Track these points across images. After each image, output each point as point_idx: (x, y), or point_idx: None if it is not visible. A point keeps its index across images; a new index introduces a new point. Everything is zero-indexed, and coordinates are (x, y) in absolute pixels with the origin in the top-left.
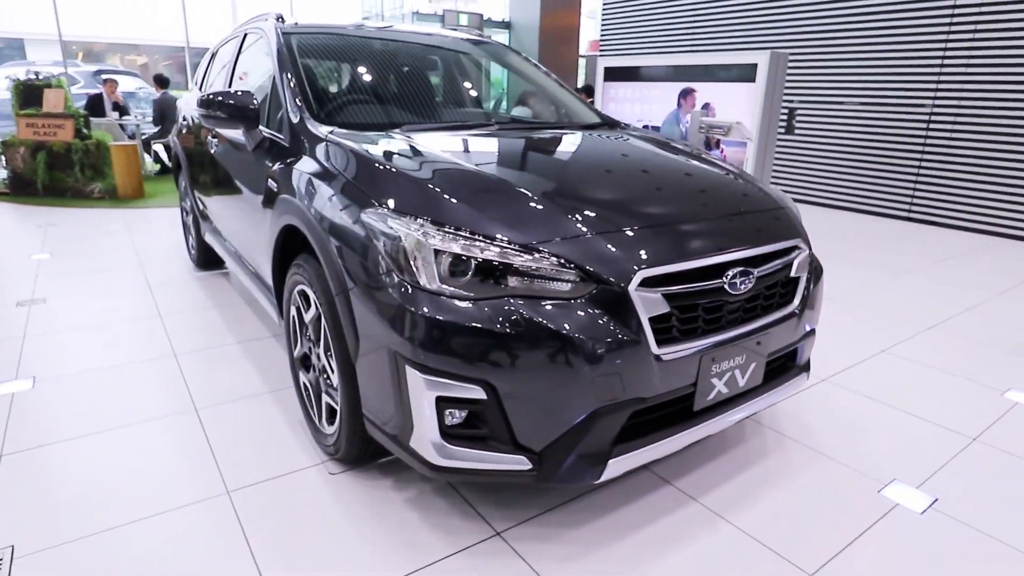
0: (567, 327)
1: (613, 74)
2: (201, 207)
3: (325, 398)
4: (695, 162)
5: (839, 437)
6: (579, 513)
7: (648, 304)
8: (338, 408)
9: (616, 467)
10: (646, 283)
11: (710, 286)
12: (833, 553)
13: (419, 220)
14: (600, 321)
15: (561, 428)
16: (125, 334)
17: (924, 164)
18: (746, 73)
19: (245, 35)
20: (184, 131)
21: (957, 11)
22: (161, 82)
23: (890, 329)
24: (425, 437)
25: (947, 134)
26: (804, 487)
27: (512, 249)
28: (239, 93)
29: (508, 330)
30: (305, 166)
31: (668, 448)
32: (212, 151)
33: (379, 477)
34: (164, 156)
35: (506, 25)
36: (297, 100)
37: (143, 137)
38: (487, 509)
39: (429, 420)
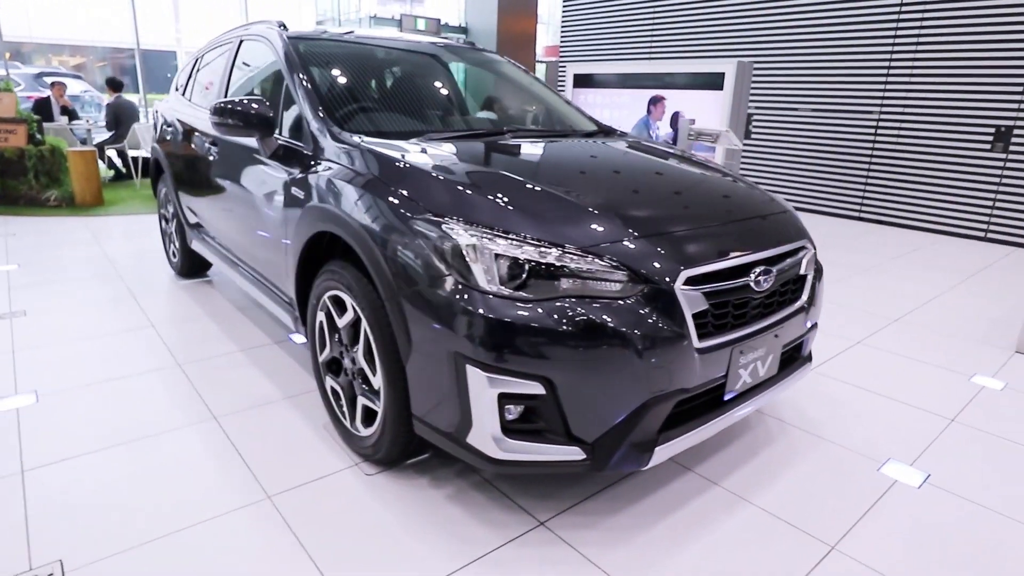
0: (621, 324)
1: (582, 81)
2: (189, 215)
3: (362, 401)
4: (707, 171)
5: (834, 422)
6: (613, 501)
7: (691, 301)
8: (379, 410)
9: (661, 454)
10: (688, 282)
11: (738, 284)
12: (848, 526)
13: (475, 226)
14: (650, 318)
15: (615, 419)
16: (120, 345)
17: (873, 167)
18: (713, 80)
19: (241, 42)
20: (168, 137)
21: (901, 25)
22: (114, 85)
23: (861, 322)
24: (485, 432)
25: (893, 139)
26: (811, 468)
27: (567, 252)
28: (255, 101)
29: (567, 328)
30: (340, 174)
31: (704, 435)
32: (211, 158)
33: (415, 476)
34: (118, 162)
35: (463, 30)
36: (319, 109)
37: (95, 143)
38: (526, 501)
39: (490, 416)
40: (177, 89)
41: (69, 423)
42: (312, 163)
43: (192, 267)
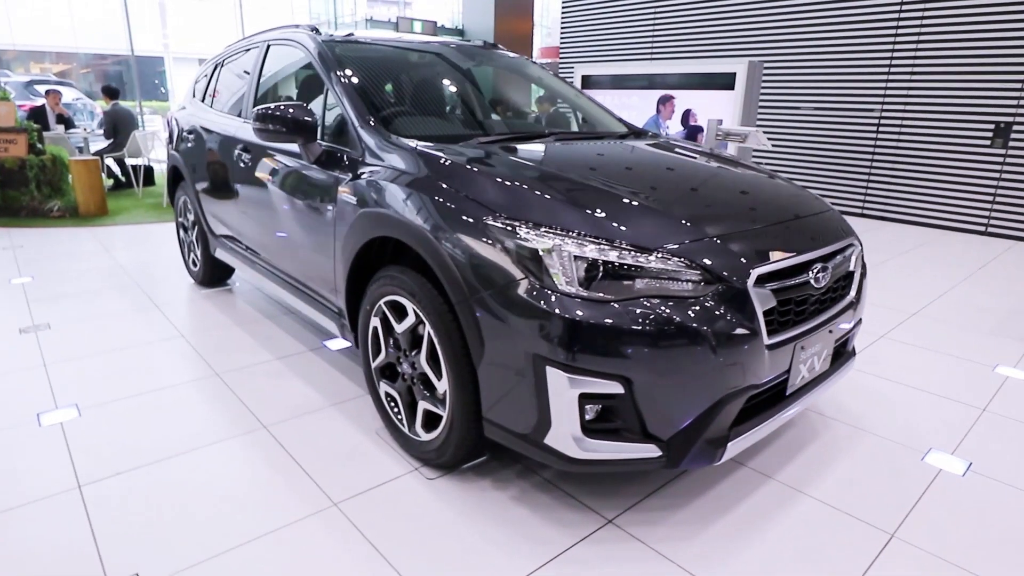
0: (698, 323)
1: (589, 82)
2: (214, 223)
3: (423, 405)
4: (753, 172)
5: (873, 414)
6: (675, 497)
7: (762, 299)
8: (444, 414)
9: (733, 448)
10: (758, 280)
11: (800, 281)
12: (903, 514)
13: (550, 229)
14: (725, 316)
15: (690, 416)
16: (154, 356)
17: (875, 164)
18: (723, 80)
19: (269, 47)
20: (189, 144)
21: (902, 23)
22: (111, 93)
23: (881, 317)
24: (565, 433)
25: (895, 136)
26: (858, 460)
27: (642, 253)
28: (299, 107)
29: (646, 328)
30: (398, 179)
31: (769, 428)
32: (244, 165)
33: (476, 479)
34: (117, 170)
35: (459, 32)
36: (366, 114)
37: (92, 152)
38: (591, 500)
39: (570, 416)
40: (195, 96)
41: (116, 436)
42: (361, 168)
43: (214, 276)
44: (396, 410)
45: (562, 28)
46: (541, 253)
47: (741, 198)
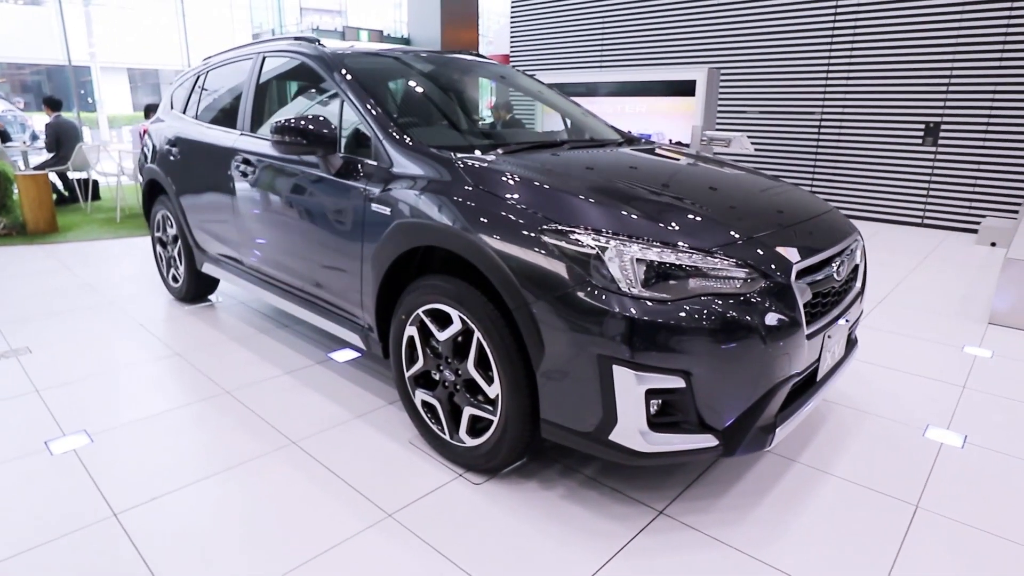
0: (751, 317)
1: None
2: (203, 237)
3: (469, 411)
4: (763, 176)
5: (868, 396)
6: (713, 485)
7: (801, 292)
8: (495, 418)
9: (780, 434)
10: (798, 275)
11: (826, 274)
12: (920, 486)
13: (606, 233)
14: (773, 309)
15: (745, 404)
16: (154, 376)
17: (819, 163)
18: (683, 87)
19: (264, 58)
20: (172, 158)
21: (836, 32)
22: (52, 104)
23: None
24: (631, 428)
25: (835, 138)
26: (868, 438)
27: (697, 254)
28: (319, 119)
29: (705, 324)
30: (437, 189)
31: (806, 412)
32: (246, 178)
33: (522, 481)
34: (60, 185)
35: (405, 41)
36: (390, 127)
37: (33, 166)
38: (637, 494)
39: (637, 412)
40: (173, 107)
41: (139, 460)
42: (391, 179)
43: (198, 292)
44: (436, 418)
45: (511, 36)
46: (604, 257)
47: (765, 200)
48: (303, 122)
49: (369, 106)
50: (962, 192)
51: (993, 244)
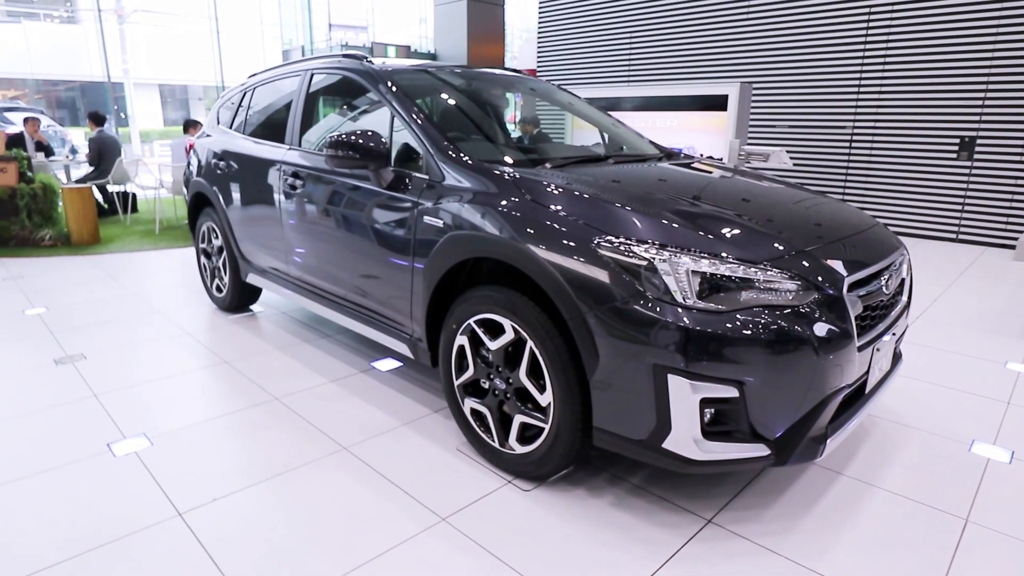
0: (804, 328)
1: None
2: (246, 249)
3: (520, 419)
4: (807, 191)
5: (912, 411)
6: (760, 496)
7: (853, 304)
8: (547, 426)
9: (831, 444)
10: (850, 288)
11: (875, 288)
12: (969, 501)
13: (661, 246)
14: (826, 321)
15: (798, 415)
16: (206, 383)
17: (849, 178)
18: (715, 101)
19: (312, 75)
20: (220, 172)
21: (868, 44)
22: (97, 119)
23: None
24: (685, 436)
25: (867, 152)
26: (913, 452)
27: (750, 266)
28: (371, 134)
29: (759, 334)
30: (491, 202)
31: (856, 423)
32: (292, 191)
33: (570, 488)
34: (100, 198)
35: (432, 57)
36: (443, 141)
37: (75, 179)
38: (685, 503)
39: (691, 420)
40: (219, 123)
41: (198, 463)
42: (443, 192)
43: (241, 302)
44: (486, 425)
45: (539, 51)
46: (659, 269)
47: (813, 215)
48: (356, 137)
49: (421, 121)
50: (999, 207)
51: None
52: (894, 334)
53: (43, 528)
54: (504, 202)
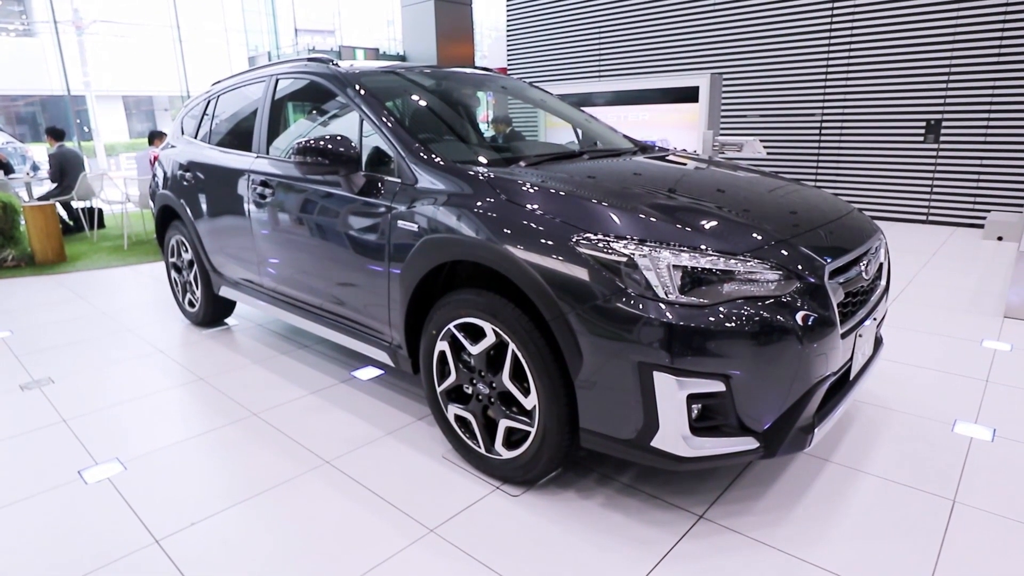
0: (788, 318)
1: None
2: (217, 261)
3: (505, 423)
4: (781, 180)
5: (893, 393)
6: (750, 488)
7: (835, 292)
8: (533, 429)
9: (819, 433)
10: (830, 275)
11: (855, 274)
12: (955, 482)
13: (640, 241)
14: (809, 310)
15: (785, 406)
16: (179, 402)
17: (821, 164)
18: (686, 93)
19: (277, 80)
20: (187, 183)
21: (834, 32)
22: (56, 135)
23: None
24: (674, 434)
25: (836, 137)
26: (898, 436)
27: (730, 258)
28: (340, 139)
29: (744, 327)
30: (466, 203)
31: (842, 410)
32: (262, 200)
33: (559, 491)
34: (65, 215)
35: (402, 58)
36: (414, 144)
37: (37, 197)
38: (675, 499)
39: (679, 417)
40: (183, 133)
41: (175, 486)
42: (417, 195)
43: (215, 316)
44: (471, 431)
45: (508, 49)
46: (639, 265)
47: (791, 203)
48: (324, 142)
49: (391, 123)
50: (966, 187)
51: (1000, 238)
52: (875, 319)
53: (12, 565)
54: (479, 203)
